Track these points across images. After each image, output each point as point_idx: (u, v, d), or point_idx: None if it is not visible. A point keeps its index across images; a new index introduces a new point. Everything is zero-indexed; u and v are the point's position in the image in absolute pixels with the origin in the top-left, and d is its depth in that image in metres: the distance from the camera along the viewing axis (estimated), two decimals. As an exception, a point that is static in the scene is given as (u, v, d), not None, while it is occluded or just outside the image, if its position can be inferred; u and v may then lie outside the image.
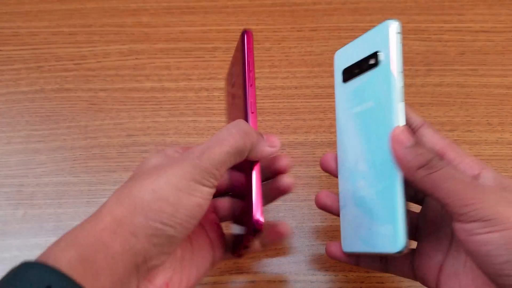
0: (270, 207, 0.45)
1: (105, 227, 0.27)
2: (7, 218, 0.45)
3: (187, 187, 0.28)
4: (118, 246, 0.27)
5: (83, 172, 0.48)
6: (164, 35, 0.55)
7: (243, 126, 0.31)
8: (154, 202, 0.28)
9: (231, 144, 0.30)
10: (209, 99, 0.51)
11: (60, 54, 0.54)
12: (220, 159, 0.29)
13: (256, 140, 0.31)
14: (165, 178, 0.28)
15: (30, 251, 0.44)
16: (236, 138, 0.30)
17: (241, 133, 0.30)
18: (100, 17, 0.56)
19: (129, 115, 0.51)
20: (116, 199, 0.29)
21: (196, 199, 0.28)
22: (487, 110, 0.51)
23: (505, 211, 0.27)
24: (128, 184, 0.30)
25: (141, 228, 0.27)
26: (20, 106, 0.51)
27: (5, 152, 0.49)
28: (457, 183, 0.28)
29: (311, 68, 0.53)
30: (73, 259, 0.25)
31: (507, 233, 0.26)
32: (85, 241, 0.27)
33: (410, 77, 0.52)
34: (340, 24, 0.56)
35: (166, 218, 0.28)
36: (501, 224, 0.26)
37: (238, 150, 0.30)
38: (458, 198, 0.27)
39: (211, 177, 0.29)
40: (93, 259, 0.26)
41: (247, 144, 0.30)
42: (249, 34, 0.35)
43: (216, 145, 0.29)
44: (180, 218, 0.28)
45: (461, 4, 0.57)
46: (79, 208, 0.46)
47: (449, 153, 0.32)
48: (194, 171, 0.28)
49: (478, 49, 0.54)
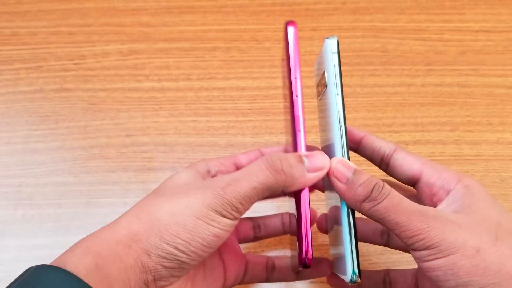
0: (270, 207, 0.45)
1: (121, 240, 0.27)
2: (6, 218, 0.45)
3: (206, 216, 0.28)
4: (131, 260, 0.27)
5: (83, 172, 0.47)
6: (164, 34, 0.55)
7: (275, 162, 0.29)
8: (171, 226, 0.27)
9: (260, 180, 0.28)
10: (208, 99, 0.51)
11: (60, 54, 0.54)
12: (246, 195, 0.28)
13: (292, 174, 0.29)
14: (186, 202, 0.28)
15: (30, 251, 0.44)
16: (266, 175, 0.28)
17: (272, 170, 0.28)
18: (99, 16, 0.56)
19: (129, 115, 0.50)
20: (136, 213, 0.29)
21: (214, 230, 0.28)
22: (488, 110, 0.51)
23: (450, 236, 0.27)
24: (151, 199, 0.30)
25: (154, 249, 0.27)
26: (19, 106, 0.51)
27: (4, 152, 0.48)
28: (401, 214, 0.27)
29: (311, 68, 0.53)
30: (89, 267, 0.26)
31: (451, 258, 0.26)
32: (100, 251, 0.27)
33: (410, 77, 0.52)
34: (340, 24, 0.56)
35: (180, 244, 0.27)
36: (445, 250, 0.26)
37: (268, 187, 0.29)
38: (403, 229, 0.27)
39: (234, 210, 0.28)
40: (108, 270, 0.26)
41: (279, 182, 0.29)
42: (292, 26, 0.31)
43: (244, 179, 0.28)
44: (195, 246, 0.28)
45: (462, 3, 0.57)
46: (78, 208, 0.46)
47: (425, 171, 0.32)
48: (216, 202, 0.28)
49: (479, 49, 0.54)
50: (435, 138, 0.49)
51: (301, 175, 0.29)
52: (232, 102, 0.51)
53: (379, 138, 0.34)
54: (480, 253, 0.26)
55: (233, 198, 0.28)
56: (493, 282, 0.26)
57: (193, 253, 0.28)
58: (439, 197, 0.31)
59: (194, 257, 0.28)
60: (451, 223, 0.27)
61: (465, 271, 0.26)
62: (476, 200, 0.30)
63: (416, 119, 0.50)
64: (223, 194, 0.28)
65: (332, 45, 0.30)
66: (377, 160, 0.34)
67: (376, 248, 0.43)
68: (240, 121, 0.50)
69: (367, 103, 0.51)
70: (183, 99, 0.51)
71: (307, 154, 0.30)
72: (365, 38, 0.55)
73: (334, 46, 0.30)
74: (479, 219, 0.28)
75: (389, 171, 0.34)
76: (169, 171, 0.47)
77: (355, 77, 0.52)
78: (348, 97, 0.51)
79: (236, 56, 0.54)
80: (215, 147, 0.49)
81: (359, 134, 0.35)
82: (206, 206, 0.28)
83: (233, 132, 0.50)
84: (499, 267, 0.26)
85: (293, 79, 0.31)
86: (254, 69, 0.53)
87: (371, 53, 0.54)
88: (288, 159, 0.29)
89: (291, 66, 0.31)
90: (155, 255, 0.27)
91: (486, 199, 0.30)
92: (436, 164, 0.32)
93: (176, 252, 0.27)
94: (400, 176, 0.33)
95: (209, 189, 0.28)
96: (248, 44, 0.54)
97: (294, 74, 0.31)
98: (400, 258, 0.43)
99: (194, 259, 0.28)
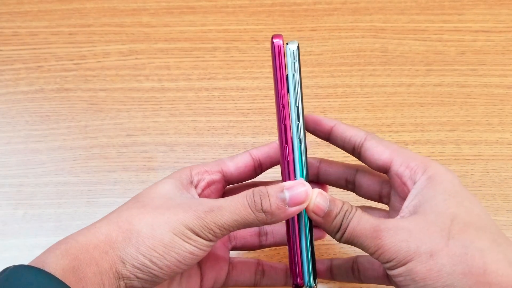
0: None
1: (98, 245, 0.28)
2: (6, 218, 0.45)
3: (183, 233, 0.28)
4: (107, 265, 0.28)
5: (83, 172, 0.48)
6: (164, 35, 0.55)
7: (256, 201, 0.29)
8: (149, 239, 0.28)
9: (242, 215, 0.29)
10: (209, 99, 0.51)
11: (60, 54, 0.54)
12: (226, 223, 0.29)
13: (272, 212, 0.29)
14: (166, 218, 0.29)
15: (30, 251, 0.44)
16: (248, 212, 0.29)
17: (253, 209, 0.29)
18: (100, 17, 0.56)
19: (129, 115, 0.50)
20: (117, 220, 0.29)
21: (190, 247, 0.29)
22: (487, 110, 0.51)
23: (402, 245, 0.28)
24: (133, 208, 0.30)
25: (130, 258, 0.28)
26: (20, 106, 0.51)
27: (5, 152, 0.49)
28: (360, 237, 0.29)
29: (311, 68, 0.53)
30: (67, 268, 0.26)
31: (408, 266, 0.28)
32: (78, 254, 0.27)
33: (410, 77, 0.52)
34: (340, 24, 0.56)
35: (155, 257, 0.28)
36: (402, 260, 0.28)
37: (249, 223, 0.29)
38: (368, 250, 0.29)
39: (210, 233, 0.29)
40: (84, 272, 0.27)
41: (260, 220, 0.29)
42: (278, 40, 0.30)
43: (227, 209, 0.29)
44: (170, 260, 0.28)
45: (461, 4, 0.57)
46: (78, 208, 0.46)
47: (395, 160, 0.32)
48: (194, 223, 0.29)
49: (478, 49, 0.54)
50: (435, 138, 0.49)
51: (281, 212, 0.29)
52: (232, 102, 0.51)
53: (350, 126, 0.34)
54: (433, 257, 0.27)
55: (212, 223, 0.29)
56: (447, 284, 0.27)
57: (167, 268, 0.28)
58: (408, 187, 0.32)
59: (167, 271, 0.28)
60: (402, 231, 0.28)
61: (421, 276, 0.27)
62: (435, 193, 0.30)
63: (415, 119, 0.50)
64: (203, 217, 0.29)
65: (294, 53, 0.30)
66: (349, 149, 0.35)
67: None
68: (240, 121, 0.50)
69: (366, 103, 0.51)
70: (183, 99, 0.51)
71: (289, 186, 0.30)
72: (364, 38, 0.55)
73: (296, 54, 0.30)
74: (433, 218, 0.29)
75: (362, 160, 0.34)
76: (169, 171, 0.47)
77: (355, 77, 0.52)
78: (348, 97, 0.51)
79: (236, 56, 0.54)
80: (215, 147, 0.49)
81: (329, 124, 0.34)
82: (185, 225, 0.28)
83: (233, 132, 0.50)
84: (452, 268, 0.27)
85: (280, 88, 0.31)
86: (254, 69, 0.53)
87: (370, 53, 0.54)
88: (269, 197, 0.29)
89: (279, 89, 0.31)
90: (129, 265, 0.28)
91: (446, 189, 0.30)
92: (406, 151, 0.33)
93: (150, 265, 0.28)
94: (372, 165, 0.33)
95: (192, 209, 0.29)
96: (248, 44, 0.55)
97: (282, 101, 0.31)
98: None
99: (167, 273, 0.29)
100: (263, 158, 0.35)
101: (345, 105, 0.51)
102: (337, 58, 0.54)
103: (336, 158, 0.47)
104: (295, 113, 0.31)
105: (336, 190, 0.38)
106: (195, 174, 0.34)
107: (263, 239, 0.38)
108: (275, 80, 0.31)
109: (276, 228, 0.38)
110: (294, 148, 0.31)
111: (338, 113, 0.50)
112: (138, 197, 0.32)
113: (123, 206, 0.31)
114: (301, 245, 0.32)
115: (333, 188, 0.38)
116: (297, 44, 0.30)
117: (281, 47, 0.30)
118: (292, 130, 0.31)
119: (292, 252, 0.32)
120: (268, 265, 0.37)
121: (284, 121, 0.31)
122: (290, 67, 0.30)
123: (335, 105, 0.51)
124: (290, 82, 0.30)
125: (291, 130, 0.31)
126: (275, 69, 0.30)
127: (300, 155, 0.31)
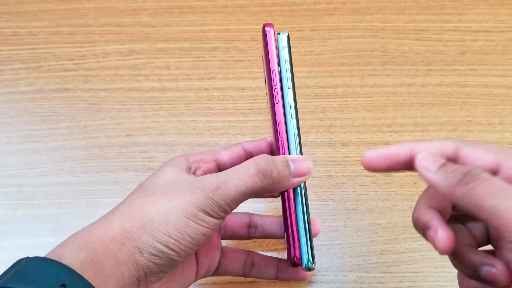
0: (271, 208, 0.45)
1: (115, 237, 0.28)
2: (6, 218, 0.45)
3: (196, 216, 0.29)
4: (125, 257, 0.28)
5: (83, 172, 0.47)
6: (164, 35, 0.55)
7: (263, 165, 0.30)
8: (163, 225, 0.28)
9: (249, 185, 0.30)
10: (208, 99, 0.51)
11: (60, 54, 0.54)
12: (234, 198, 0.30)
13: (279, 180, 0.30)
14: (176, 203, 0.29)
15: (30, 251, 0.44)
16: (255, 180, 0.30)
17: (261, 175, 0.30)
18: (99, 16, 0.56)
19: (129, 115, 0.50)
20: (128, 210, 0.30)
21: (203, 229, 0.29)
22: (488, 110, 0.51)
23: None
24: (141, 197, 0.30)
25: (147, 247, 0.28)
26: (20, 106, 0.51)
27: (5, 152, 0.49)
28: (504, 200, 0.22)
29: (311, 68, 0.53)
30: (85, 261, 0.26)
31: None
32: (95, 247, 0.27)
33: (410, 77, 0.52)
34: (340, 24, 0.56)
35: (171, 243, 0.28)
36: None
37: (255, 192, 0.30)
38: (507, 220, 0.21)
39: (221, 211, 0.30)
40: (103, 265, 0.27)
41: (266, 187, 0.30)
42: (269, 28, 0.32)
43: (233, 182, 0.30)
44: (185, 244, 0.29)
45: (461, 3, 0.57)
46: (78, 208, 0.46)
47: (504, 163, 0.26)
48: (205, 203, 0.29)
49: (479, 49, 0.54)
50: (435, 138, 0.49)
51: (286, 181, 0.31)
52: (232, 102, 0.51)
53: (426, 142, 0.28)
54: None
55: (221, 201, 0.29)
56: None
57: (182, 251, 0.29)
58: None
59: (183, 254, 0.29)
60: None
61: None
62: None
63: (416, 119, 0.50)
64: (212, 197, 0.29)
65: (282, 39, 0.32)
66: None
67: (375, 248, 0.43)
68: (240, 121, 0.50)
69: (367, 103, 0.51)
70: (183, 99, 0.51)
71: (293, 158, 0.31)
72: (365, 38, 0.55)
73: (284, 40, 0.32)
74: None
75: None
76: (169, 171, 0.47)
77: (355, 77, 0.52)
78: (348, 97, 0.51)
79: (236, 56, 0.54)
80: (215, 147, 0.49)
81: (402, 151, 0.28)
82: (196, 207, 0.29)
83: (233, 132, 0.50)
84: None
85: (272, 83, 0.32)
86: (254, 69, 0.53)
87: (371, 53, 0.54)
88: (276, 165, 0.30)
89: (272, 75, 0.32)
90: (147, 253, 0.28)
91: None
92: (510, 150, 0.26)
93: (167, 251, 0.28)
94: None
95: (199, 190, 0.29)
96: (248, 44, 0.54)
97: (274, 80, 0.32)
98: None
99: (183, 256, 0.29)
100: (254, 151, 0.37)
101: (345, 105, 0.51)
102: (337, 58, 0.54)
103: (337, 158, 0.47)
104: (287, 93, 0.32)
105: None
106: (192, 162, 0.35)
107: (252, 231, 0.38)
108: (267, 64, 0.32)
109: (266, 223, 0.38)
110: (288, 127, 0.32)
111: (338, 113, 0.50)
112: (143, 187, 0.32)
113: (131, 197, 0.31)
114: (298, 224, 0.32)
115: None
116: (287, 33, 0.32)
117: (272, 32, 0.32)
118: (285, 109, 0.32)
119: (290, 231, 0.33)
120: (259, 257, 0.38)
121: (277, 100, 0.32)
122: (282, 52, 0.32)
123: (335, 105, 0.51)
124: (282, 65, 0.32)
125: (284, 109, 0.32)
126: (267, 54, 0.32)
127: (293, 132, 0.32)
